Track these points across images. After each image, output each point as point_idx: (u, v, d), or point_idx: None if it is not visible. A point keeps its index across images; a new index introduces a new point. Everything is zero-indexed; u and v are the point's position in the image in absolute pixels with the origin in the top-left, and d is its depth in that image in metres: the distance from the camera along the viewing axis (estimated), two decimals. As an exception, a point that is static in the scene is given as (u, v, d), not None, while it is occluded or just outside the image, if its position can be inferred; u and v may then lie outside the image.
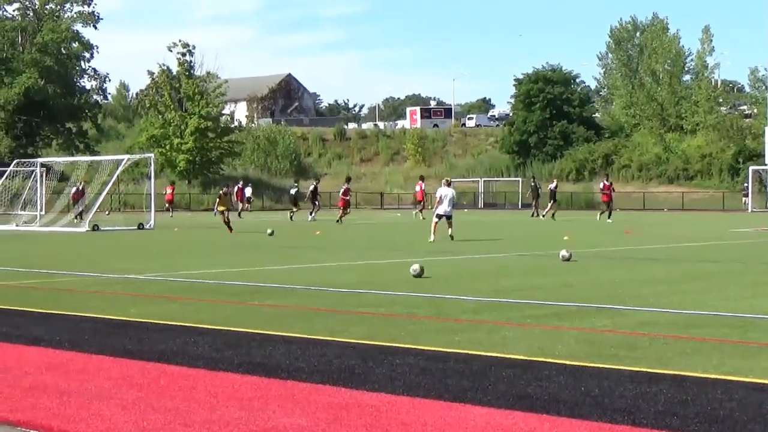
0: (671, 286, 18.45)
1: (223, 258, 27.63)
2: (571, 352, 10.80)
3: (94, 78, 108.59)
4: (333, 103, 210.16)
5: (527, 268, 23.34)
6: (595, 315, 14.08)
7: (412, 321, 13.57)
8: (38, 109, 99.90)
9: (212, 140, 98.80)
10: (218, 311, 14.91)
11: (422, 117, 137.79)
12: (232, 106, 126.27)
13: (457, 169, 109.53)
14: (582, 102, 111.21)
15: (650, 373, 9.58)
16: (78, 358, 10.68)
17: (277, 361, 10.39)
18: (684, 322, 13.37)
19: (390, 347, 11.21)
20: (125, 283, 19.69)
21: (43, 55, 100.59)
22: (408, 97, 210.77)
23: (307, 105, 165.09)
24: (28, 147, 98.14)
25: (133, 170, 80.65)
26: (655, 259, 26.03)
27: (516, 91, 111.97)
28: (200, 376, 9.57)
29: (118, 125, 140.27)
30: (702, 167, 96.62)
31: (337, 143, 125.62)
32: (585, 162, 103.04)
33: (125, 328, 13.07)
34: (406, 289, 17.76)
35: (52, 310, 14.93)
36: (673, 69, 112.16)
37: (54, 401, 8.49)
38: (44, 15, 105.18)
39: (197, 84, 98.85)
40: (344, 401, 8.46)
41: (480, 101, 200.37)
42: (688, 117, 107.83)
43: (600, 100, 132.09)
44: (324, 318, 13.99)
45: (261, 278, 20.21)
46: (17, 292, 18.15)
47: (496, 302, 15.72)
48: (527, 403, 8.34)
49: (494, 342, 11.59)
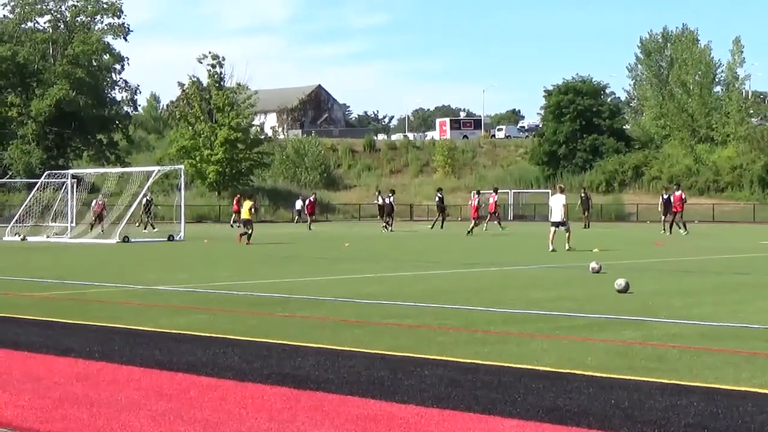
0: (702, 298, 18.37)
1: (252, 269, 27.66)
2: (601, 363, 10.76)
3: (124, 90, 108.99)
4: (362, 114, 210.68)
5: (557, 279, 23.27)
6: (625, 327, 14.03)
7: (441, 332, 13.54)
8: (69, 121, 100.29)
9: (242, 151, 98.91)
10: (247, 322, 14.93)
11: (452, 128, 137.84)
12: (262, 117, 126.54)
13: (486, 181, 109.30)
14: (612, 113, 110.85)
15: (680, 385, 9.54)
16: (108, 369, 10.71)
17: (306, 372, 10.39)
18: (715, 335, 13.31)
19: (419, 359, 11.20)
20: (155, 294, 19.74)
21: (74, 67, 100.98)
22: (437, 108, 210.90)
23: (336, 116, 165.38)
24: (59, 158, 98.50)
25: (163, 182, 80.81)
26: (686, 271, 25.91)
27: (546, 102, 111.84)
28: (229, 387, 9.58)
29: (148, 136, 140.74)
30: (732, 179, 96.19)
31: (366, 154, 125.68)
32: (615, 174, 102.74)
33: (155, 339, 13.10)
34: (435, 300, 17.73)
35: (83, 321, 14.98)
36: (703, 80, 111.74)
37: (84, 412, 8.51)
38: (75, 27, 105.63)
39: (227, 95, 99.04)
40: (373, 413, 8.45)
41: (510, 112, 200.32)
42: (719, 128, 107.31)
43: (630, 112, 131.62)
44: (353, 329, 13.98)
45: (290, 289, 20.22)
46: (48, 303, 18.22)
47: (526, 314, 15.68)
48: (557, 415, 8.31)
49: (524, 354, 11.56)
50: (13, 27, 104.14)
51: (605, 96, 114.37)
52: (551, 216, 35.71)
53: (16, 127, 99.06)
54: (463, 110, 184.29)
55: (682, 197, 54.76)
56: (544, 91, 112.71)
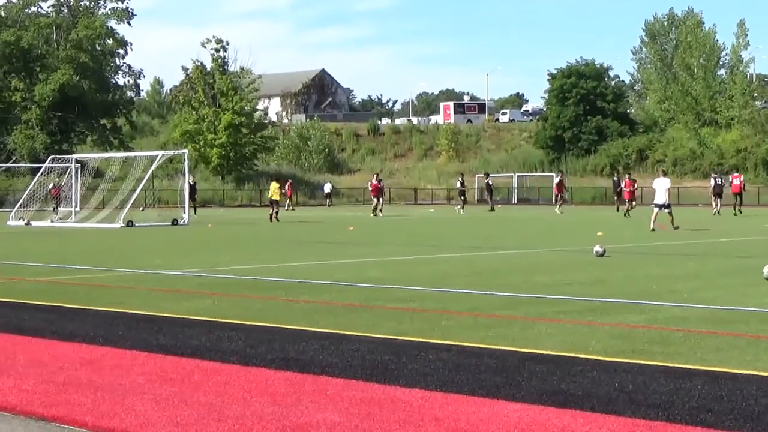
0: (705, 281, 18.35)
1: (256, 254, 27.68)
2: (605, 347, 10.76)
3: (128, 74, 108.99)
4: (366, 99, 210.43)
5: (561, 263, 23.25)
6: (629, 310, 14.02)
7: (445, 316, 13.54)
8: (73, 106, 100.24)
9: (246, 136, 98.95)
10: (252, 306, 14.94)
11: (456, 112, 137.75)
12: (266, 101, 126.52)
13: (490, 165, 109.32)
14: (616, 97, 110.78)
15: (684, 368, 9.54)
16: (112, 354, 10.72)
17: (310, 356, 10.39)
18: (718, 318, 13.31)
19: (423, 343, 11.20)
20: (159, 279, 19.76)
21: (77, 52, 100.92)
22: (441, 92, 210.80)
23: (340, 100, 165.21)
24: (63, 143, 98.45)
25: (167, 166, 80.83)
26: (690, 255, 25.89)
27: (550, 86, 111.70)
28: (234, 372, 9.58)
29: (152, 121, 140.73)
30: (737, 162, 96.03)
31: (370, 138, 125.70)
32: (619, 157, 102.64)
33: (159, 323, 13.11)
34: (439, 284, 17.74)
35: (87, 306, 14.99)
36: (707, 63, 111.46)
37: (88, 396, 8.52)
38: (79, 12, 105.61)
39: (231, 80, 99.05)
40: (377, 397, 8.45)
41: (514, 96, 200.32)
42: (723, 111, 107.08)
43: (634, 95, 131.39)
44: (357, 313, 13.99)
45: (294, 274, 20.23)
46: (52, 287, 18.24)
47: (530, 297, 15.67)
48: (561, 398, 8.31)
49: (527, 337, 11.56)
50: (16, 12, 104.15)
51: (609, 79, 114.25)
52: (656, 198, 37.35)
53: (20, 112, 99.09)
54: (467, 94, 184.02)
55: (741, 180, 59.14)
56: (548, 75, 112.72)
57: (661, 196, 36.98)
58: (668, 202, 37.06)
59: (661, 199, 36.95)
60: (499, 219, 52.14)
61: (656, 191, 37.53)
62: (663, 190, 37.09)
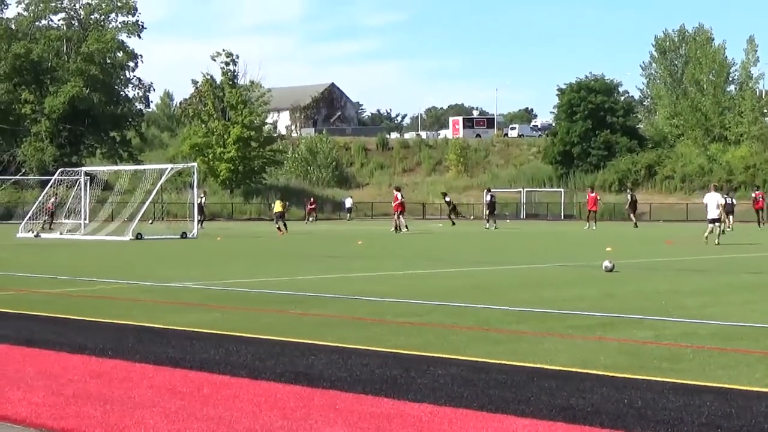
0: (715, 297, 18.33)
1: (265, 267, 27.70)
2: (614, 363, 10.75)
3: (138, 87, 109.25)
4: (375, 113, 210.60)
5: (569, 278, 23.25)
6: (638, 326, 14.01)
7: (454, 331, 13.54)
8: (83, 118, 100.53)
9: (255, 149, 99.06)
10: (261, 320, 14.94)
11: (465, 127, 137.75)
12: (276, 115, 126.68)
13: (499, 180, 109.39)
14: (625, 112, 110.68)
15: (694, 385, 9.52)
16: (121, 366, 10.72)
17: (319, 370, 10.39)
18: (728, 334, 13.28)
19: (432, 357, 11.19)
20: (168, 292, 19.77)
21: (88, 65, 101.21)
22: (450, 107, 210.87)
23: (349, 114, 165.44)
24: (72, 156, 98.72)
25: (176, 179, 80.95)
26: (699, 270, 25.87)
27: (559, 100, 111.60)
28: (243, 385, 9.58)
29: (161, 134, 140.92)
30: (746, 178, 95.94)
31: (379, 153, 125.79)
32: (628, 173, 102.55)
33: (168, 336, 13.12)
34: (448, 299, 17.73)
35: (96, 318, 15.00)
36: (717, 79, 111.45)
37: (97, 409, 8.53)
38: (89, 25, 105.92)
39: (240, 93, 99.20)
40: (386, 411, 8.45)
41: (523, 111, 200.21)
42: (732, 127, 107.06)
43: (643, 111, 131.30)
44: (366, 327, 13.99)
45: (303, 287, 20.23)
46: (61, 299, 18.26)
47: (538, 312, 15.66)
48: (570, 414, 8.31)
49: (536, 352, 11.55)
50: (27, 24, 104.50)
51: (618, 95, 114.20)
52: (708, 213, 38.18)
53: (30, 124, 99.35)
54: (476, 109, 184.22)
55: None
56: (557, 90, 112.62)
57: (713, 211, 37.65)
58: (719, 216, 37.75)
59: (713, 214, 37.58)
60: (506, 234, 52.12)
61: (708, 206, 38.29)
62: (714, 204, 37.76)
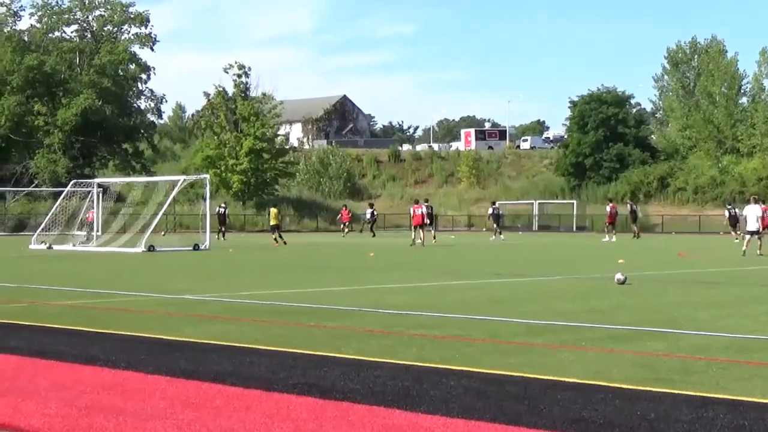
0: (727, 309, 18.29)
1: (277, 279, 27.71)
2: (627, 375, 10.73)
3: (150, 99, 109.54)
4: (387, 125, 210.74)
5: (582, 290, 23.22)
6: (651, 338, 13.98)
7: (466, 343, 13.53)
8: (95, 130, 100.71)
9: (267, 161, 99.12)
10: (273, 332, 14.95)
11: (477, 139, 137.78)
12: (288, 127, 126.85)
13: (511, 192, 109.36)
14: (637, 123, 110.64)
15: (707, 397, 9.50)
16: (134, 378, 10.73)
17: (332, 382, 10.39)
18: (741, 347, 13.26)
19: (445, 369, 11.19)
20: (180, 304, 19.79)
21: (100, 77, 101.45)
22: (462, 119, 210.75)
23: (362, 126, 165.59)
24: (85, 167, 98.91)
25: (188, 191, 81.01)
26: (711, 283, 25.82)
27: (571, 112, 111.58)
28: (255, 397, 9.59)
29: (173, 146, 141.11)
30: (758, 190, 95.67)
31: (391, 165, 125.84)
32: (640, 185, 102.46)
33: (181, 348, 13.13)
34: (460, 311, 17.73)
35: (109, 330, 15.01)
36: (729, 91, 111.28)
37: (110, 421, 8.53)
38: (102, 37, 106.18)
39: (253, 105, 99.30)
40: (399, 423, 8.44)
41: (535, 123, 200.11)
42: (745, 140, 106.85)
43: (655, 123, 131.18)
44: (378, 339, 13.99)
45: (316, 299, 20.23)
46: (74, 311, 18.28)
47: (551, 325, 15.64)
48: (583, 426, 8.30)
49: (549, 365, 11.54)
50: (40, 37, 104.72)
51: (631, 107, 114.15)
52: (748, 225, 39.01)
53: (43, 136, 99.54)
54: (488, 121, 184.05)
55: None
56: (569, 102, 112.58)
57: (753, 223, 37.96)
58: (760, 228, 37.99)
59: (753, 226, 37.85)
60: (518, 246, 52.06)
61: (747, 218, 38.86)
62: (754, 217, 38.04)
